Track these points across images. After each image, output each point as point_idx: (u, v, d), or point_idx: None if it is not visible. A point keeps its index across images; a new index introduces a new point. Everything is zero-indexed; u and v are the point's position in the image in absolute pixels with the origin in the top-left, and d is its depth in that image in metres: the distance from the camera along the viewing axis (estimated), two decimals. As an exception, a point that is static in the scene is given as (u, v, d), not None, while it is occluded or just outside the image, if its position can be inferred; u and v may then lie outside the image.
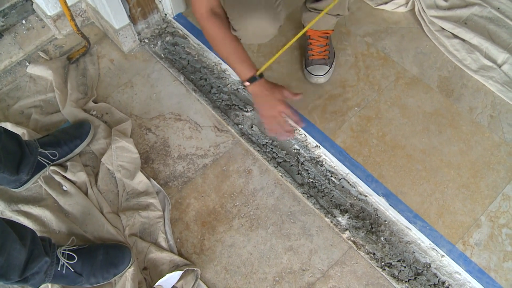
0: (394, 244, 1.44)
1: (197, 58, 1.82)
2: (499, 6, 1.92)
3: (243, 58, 1.37)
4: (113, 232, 1.43)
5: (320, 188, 1.53)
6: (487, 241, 1.42)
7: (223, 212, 1.50)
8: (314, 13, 1.59)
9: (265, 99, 1.37)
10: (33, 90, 1.76)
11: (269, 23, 1.36)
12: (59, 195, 1.50)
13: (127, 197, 1.51)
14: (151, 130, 1.66)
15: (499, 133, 1.62)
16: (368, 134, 1.61)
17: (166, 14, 1.90)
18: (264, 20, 1.34)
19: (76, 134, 1.55)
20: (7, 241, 1.08)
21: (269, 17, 1.35)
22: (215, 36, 1.36)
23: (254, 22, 1.34)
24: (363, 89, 1.71)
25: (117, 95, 1.75)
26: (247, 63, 1.37)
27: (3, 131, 1.35)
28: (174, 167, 1.58)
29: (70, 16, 1.67)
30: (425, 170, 1.54)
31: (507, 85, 1.70)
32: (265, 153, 1.58)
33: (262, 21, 1.34)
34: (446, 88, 1.72)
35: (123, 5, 1.67)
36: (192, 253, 1.43)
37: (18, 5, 1.83)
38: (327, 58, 1.69)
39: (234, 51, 1.37)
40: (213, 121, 1.67)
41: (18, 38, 1.85)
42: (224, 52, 1.38)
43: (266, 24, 1.35)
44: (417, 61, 1.79)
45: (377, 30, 1.88)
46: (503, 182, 1.52)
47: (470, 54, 1.77)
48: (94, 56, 1.84)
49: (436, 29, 1.83)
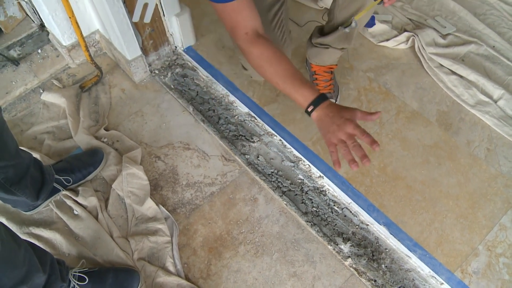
0: (395, 271, 1.47)
1: (206, 90, 1.89)
2: (494, 44, 2.01)
3: (302, 81, 1.16)
4: (122, 256, 1.47)
5: (323, 216, 1.57)
6: (485, 269, 1.46)
7: (229, 238, 1.54)
8: (320, 49, 1.66)
9: (331, 121, 1.10)
10: (47, 116, 1.82)
11: None
12: (70, 219, 1.54)
13: (136, 222, 1.55)
14: (160, 158, 1.71)
15: (496, 165, 1.68)
16: (370, 166, 1.66)
17: (177, 47, 1.97)
18: None
19: (90, 161, 1.61)
20: (33, 268, 1.11)
21: None
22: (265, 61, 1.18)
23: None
24: (365, 122, 1.77)
25: (127, 124, 1.80)
26: (309, 85, 1.16)
27: (33, 159, 1.40)
28: (183, 194, 1.63)
29: (85, 47, 1.74)
30: (425, 201, 1.59)
31: (503, 120, 1.77)
32: (270, 183, 1.63)
33: None
34: (445, 122, 1.78)
35: (136, 37, 1.74)
36: (199, 277, 1.47)
37: (34, 35, 1.90)
38: (332, 92, 1.76)
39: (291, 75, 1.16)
40: (220, 151, 1.73)
41: (33, 66, 1.92)
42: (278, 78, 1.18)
43: None
44: (417, 96, 1.86)
45: (379, 66, 1.96)
46: (500, 212, 1.57)
47: (467, 89, 1.84)
48: (106, 85, 1.90)
49: (435, 66, 1.91)
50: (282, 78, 1.16)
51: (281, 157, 1.70)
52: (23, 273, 1.07)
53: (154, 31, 1.80)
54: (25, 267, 1.08)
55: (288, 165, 1.68)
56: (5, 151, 1.21)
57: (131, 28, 1.68)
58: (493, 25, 2.10)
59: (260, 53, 1.18)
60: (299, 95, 1.14)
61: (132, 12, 1.64)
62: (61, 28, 1.79)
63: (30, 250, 1.12)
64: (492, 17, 2.13)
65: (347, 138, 1.06)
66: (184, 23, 1.85)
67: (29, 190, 1.39)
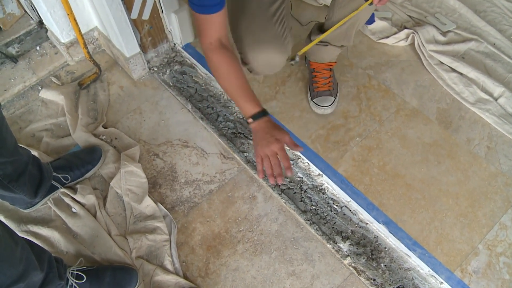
0: (394, 270, 1.47)
1: (205, 87, 1.88)
2: (495, 41, 2.00)
3: (247, 94, 1.30)
4: (120, 254, 1.47)
5: (322, 215, 1.57)
6: (485, 269, 1.46)
7: (228, 237, 1.53)
8: (319, 46, 1.65)
9: (264, 136, 1.27)
10: (45, 114, 1.81)
11: (278, 54, 1.43)
12: (68, 217, 1.54)
13: (135, 220, 1.55)
14: (159, 155, 1.71)
15: (496, 164, 1.67)
16: (369, 164, 1.66)
17: (175, 44, 1.96)
18: (273, 52, 1.41)
19: (88, 159, 1.60)
20: (30, 266, 1.10)
21: (277, 49, 1.42)
22: (221, 69, 1.30)
23: (263, 54, 1.40)
24: (365, 120, 1.76)
25: (126, 121, 1.80)
26: (252, 99, 1.30)
27: (32, 157, 1.40)
28: (181, 192, 1.63)
29: (84, 44, 1.73)
30: (424, 199, 1.59)
31: (503, 118, 1.76)
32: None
33: (271, 53, 1.41)
34: (445, 120, 1.78)
35: (134, 34, 1.74)
36: (197, 276, 1.46)
37: (33, 32, 1.90)
38: (332, 90, 1.75)
39: (239, 86, 1.30)
40: (219, 149, 1.72)
41: (32, 63, 1.92)
42: (228, 86, 1.32)
43: (275, 55, 1.42)
44: (416, 94, 1.85)
45: (378, 63, 1.95)
46: (500, 211, 1.56)
47: (467, 87, 1.83)
48: (105, 82, 1.90)
49: (435, 63, 1.90)
50: (234, 87, 1.30)
51: (280, 155, 1.69)
52: (20, 271, 1.06)
53: (152, 28, 1.79)
54: (22, 265, 1.07)
55: (287, 163, 1.67)
56: (4, 147, 1.21)
57: (130, 25, 1.68)
58: (493, 22, 2.09)
59: (218, 62, 1.30)
60: (245, 106, 1.30)
61: (130, 9, 1.63)
62: (60, 25, 1.78)
63: (27, 248, 1.12)
64: (493, 14, 2.12)
65: (271, 155, 1.25)
66: (183, 20, 1.83)
67: (27, 187, 1.38)
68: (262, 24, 1.40)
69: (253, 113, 1.28)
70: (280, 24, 1.44)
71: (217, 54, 1.29)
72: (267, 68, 1.50)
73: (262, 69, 1.51)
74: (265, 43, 1.41)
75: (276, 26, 1.42)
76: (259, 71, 1.51)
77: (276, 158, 1.25)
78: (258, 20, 1.41)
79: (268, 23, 1.41)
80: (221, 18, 1.25)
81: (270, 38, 1.41)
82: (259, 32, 1.40)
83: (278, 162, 1.24)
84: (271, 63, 1.47)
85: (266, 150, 1.26)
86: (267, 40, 1.41)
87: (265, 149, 1.26)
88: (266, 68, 1.50)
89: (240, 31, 1.43)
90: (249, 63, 1.46)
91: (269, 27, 1.41)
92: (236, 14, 1.42)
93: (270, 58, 1.44)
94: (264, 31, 1.41)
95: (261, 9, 1.40)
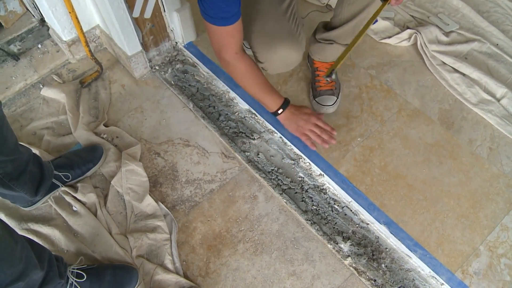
0: (395, 271, 1.47)
1: (206, 86, 1.88)
2: (498, 42, 1.99)
3: (270, 89, 1.49)
4: (121, 253, 1.46)
5: (323, 215, 1.56)
6: (486, 270, 1.45)
7: (228, 236, 1.53)
8: (324, 44, 1.65)
9: (297, 117, 1.51)
10: (46, 112, 1.81)
11: (294, 51, 1.45)
12: (68, 215, 1.54)
13: (135, 219, 1.55)
14: (160, 154, 1.70)
15: (498, 165, 1.66)
16: (371, 164, 1.66)
17: (177, 43, 1.96)
18: (289, 49, 1.43)
19: (89, 157, 1.60)
20: (30, 265, 1.10)
21: (293, 46, 1.43)
22: (247, 74, 1.44)
23: (280, 52, 1.43)
24: (367, 120, 1.76)
25: (127, 120, 1.80)
26: (275, 92, 1.50)
27: (33, 155, 1.40)
28: (182, 191, 1.62)
29: (85, 42, 1.73)
30: (426, 200, 1.58)
31: (505, 119, 1.75)
32: (270, 180, 1.62)
33: (288, 50, 1.43)
34: (447, 121, 1.77)
35: (136, 33, 1.73)
36: (197, 275, 1.46)
37: (34, 30, 1.89)
38: (334, 89, 1.75)
39: (263, 84, 1.47)
40: (220, 148, 1.72)
41: (33, 61, 1.91)
42: (253, 87, 1.47)
43: (291, 52, 1.44)
44: (418, 94, 1.85)
45: (381, 63, 1.94)
46: (502, 213, 1.56)
47: (470, 88, 1.83)
48: (106, 81, 1.90)
49: (438, 63, 1.90)
50: (258, 86, 1.47)
51: (281, 154, 1.69)
52: (20, 269, 1.06)
53: (154, 27, 1.79)
54: (22, 264, 1.07)
55: (288, 162, 1.67)
56: (5, 146, 1.21)
57: (132, 24, 1.67)
58: (496, 23, 2.08)
59: (245, 68, 1.43)
60: (270, 100, 1.50)
61: (132, 7, 1.63)
62: (61, 23, 1.78)
63: (27, 247, 1.12)
64: (496, 15, 2.11)
65: (314, 127, 1.51)
66: (184, 18, 1.83)
67: (28, 185, 1.38)
68: (275, 22, 1.42)
69: (281, 103, 1.50)
70: (293, 20, 1.45)
71: (243, 61, 1.41)
72: (283, 65, 1.52)
73: (278, 67, 1.53)
74: (281, 41, 1.42)
75: (289, 22, 1.43)
76: (275, 69, 1.54)
77: (319, 128, 1.51)
78: (271, 18, 1.42)
79: (281, 21, 1.42)
80: (241, 26, 1.32)
81: (285, 35, 1.42)
82: (273, 30, 1.42)
83: (322, 129, 1.51)
84: (287, 61, 1.48)
85: (307, 126, 1.51)
86: (282, 37, 1.42)
87: (306, 126, 1.51)
88: (282, 66, 1.52)
89: (254, 31, 1.43)
90: (265, 61, 1.48)
91: (283, 25, 1.43)
92: (249, 15, 1.42)
93: (286, 56, 1.45)
94: (278, 29, 1.42)
95: (273, 7, 1.42)
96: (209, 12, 1.22)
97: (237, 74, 1.45)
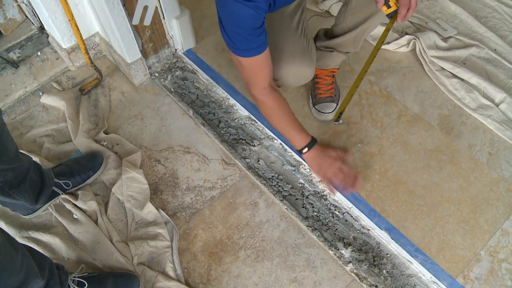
0: (396, 277, 1.47)
1: (206, 93, 1.88)
2: (496, 47, 2.00)
3: (298, 126, 1.46)
4: (122, 261, 1.46)
5: (324, 221, 1.56)
6: (487, 275, 1.46)
7: (229, 243, 1.53)
8: (324, 52, 1.66)
9: (322, 160, 1.45)
10: (46, 119, 1.81)
11: (307, 67, 1.47)
12: (69, 223, 1.53)
13: (136, 226, 1.55)
14: (160, 161, 1.70)
15: (498, 170, 1.67)
16: (371, 170, 1.66)
17: (177, 50, 1.96)
18: (302, 66, 1.45)
19: (89, 165, 1.60)
20: (31, 274, 1.10)
21: (306, 62, 1.46)
22: (275, 110, 1.42)
23: (294, 69, 1.44)
24: (366, 126, 1.76)
25: (127, 127, 1.80)
26: (302, 130, 1.46)
27: (33, 163, 1.39)
28: (183, 198, 1.62)
29: (85, 49, 1.73)
30: (426, 205, 1.59)
31: (504, 124, 1.76)
32: (271, 187, 1.62)
33: (301, 67, 1.45)
34: (446, 126, 1.77)
35: (136, 40, 1.74)
36: (199, 283, 1.46)
37: (34, 37, 1.89)
38: (333, 96, 1.75)
39: (291, 120, 1.44)
40: (220, 155, 1.72)
41: (33, 69, 1.91)
42: (281, 123, 1.45)
43: (305, 69, 1.46)
44: (418, 100, 1.85)
45: (380, 69, 1.95)
46: (502, 217, 1.56)
47: (469, 93, 1.84)
48: (106, 88, 1.90)
49: (436, 69, 1.90)
50: (286, 123, 1.44)
51: (281, 161, 1.69)
52: (20, 279, 1.06)
53: (154, 34, 1.79)
54: (23, 273, 1.07)
55: (288, 169, 1.67)
56: (5, 154, 1.20)
57: (131, 31, 1.68)
58: (494, 28, 2.09)
59: (273, 105, 1.41)
60: (298, 138, 1.45)
61: (132, 14, 1.63)
62: (61, 30, 1.78)
63: (28, 255, 1.11)
64: (494, 20, 2.12)
65: (337, 173, 1.43)
66: (184, 25, 1.84)
67: (28, 193, 1.38)
68: (287, 40, 1.43)
69: (307, 143, 1.45)
70: (304, 37, 1.46)
71: (271, 98, 1.39)
72: (297, 81, 1.53)
73: (292, 83, 1.54)
74: (293, 58, 1.43)
75: (301, 39, 1.45)
76: (289, 85, 1.56)
77: (341, 174, 1.43)
78: (283, 36, 1.43)
79: (293, 37, 1.44)
80: (268, 59, 1.30)
81: (297, 52, 1.44)
82: (286, 48, 1.43)
83: (344, 176, 1.43)
84: (300, 77, 1.50)
85: (330, 170, 1.44)
86: (294, 55, 1.43)
87: (329, 170, 1.44)
88: (296, 82, 1.54)
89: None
90: (279, 78, 1.48)
91: (295, 42, 1.44)
92: None
93: (300, 72, 1.47)
94: (290, 46, 1.43)
95: (284, 25, 1.43)
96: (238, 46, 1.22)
97: (265, 110, 1.44)
